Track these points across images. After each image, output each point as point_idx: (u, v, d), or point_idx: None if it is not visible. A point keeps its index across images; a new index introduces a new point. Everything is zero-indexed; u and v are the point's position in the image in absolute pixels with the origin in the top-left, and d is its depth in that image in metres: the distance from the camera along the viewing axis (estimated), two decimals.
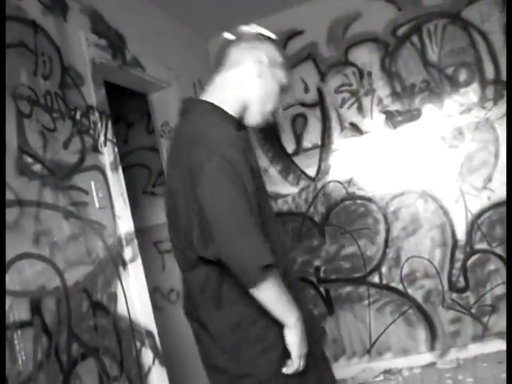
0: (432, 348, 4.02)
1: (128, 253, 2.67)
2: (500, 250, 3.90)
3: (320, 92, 4.31)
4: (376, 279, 4.15)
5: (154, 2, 3.57)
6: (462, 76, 3.98)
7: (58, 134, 2.33)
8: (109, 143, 2.74)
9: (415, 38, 4.06)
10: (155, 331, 2.74)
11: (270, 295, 1.54)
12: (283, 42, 4.31)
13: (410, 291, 4.07)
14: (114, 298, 2.47)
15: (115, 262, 2.56)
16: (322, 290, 4.27)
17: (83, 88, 2.62)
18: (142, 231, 3.66)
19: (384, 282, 4.13)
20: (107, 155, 2.70)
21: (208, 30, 4.32)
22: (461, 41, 3.97)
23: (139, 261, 2.77)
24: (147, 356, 2.63)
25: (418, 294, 4.06)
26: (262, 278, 1.49)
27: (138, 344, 2.57)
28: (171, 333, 3.62)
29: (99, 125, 2.69)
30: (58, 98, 2.39)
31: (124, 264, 2.62)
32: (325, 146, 4.29)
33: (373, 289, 4.15)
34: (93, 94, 2.68)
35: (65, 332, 2.05)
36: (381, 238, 4.15)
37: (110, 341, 2.33)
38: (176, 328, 3.68)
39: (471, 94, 3.96)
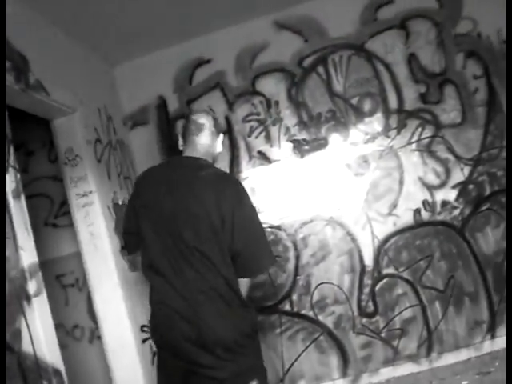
0: (344, 374, 4.05)
1: (32, 286, 2.48)
2: (407, 274, 4.02)
3: (228, 121, 4.31)
4: (287, 307, 4.14)
5: (59, 26, 3.43)
6: (367, 106, 4.11)
7: None
8: (11, 169, 2.57)
9: (321, 69, 4.17)
10: (63, 369, 2.55)
11: None
12: (191, 70, 4.29)
13: (320, 318, 4.09)
14: (18, 334, 2.28)
15: (19, 297, 2.37)
16: None
17: None
18: (43, 264, 3.44)
19: (295, 309, 4.13)
20: (9, 182, 2.53)
21: (114, 57, 4.24)
22: (365, 72, 4.12)
23: (44, 295, 2.57)
24: None
25: (328, 321, 4.09)
26: None
27: (45, 383, 2.39)
28: (77, 371, 3.41)
29: None
30: None
31: (28, 298, 2.44)
32: (233, 174, 4.27)
33: (284, 317, 4.13)
34: None
35: None
36: (291, 266, 4.16)
37: (15, 381, 2.14)
38: (82, 366, 3.48)
39: (375, 123, 4.10)
